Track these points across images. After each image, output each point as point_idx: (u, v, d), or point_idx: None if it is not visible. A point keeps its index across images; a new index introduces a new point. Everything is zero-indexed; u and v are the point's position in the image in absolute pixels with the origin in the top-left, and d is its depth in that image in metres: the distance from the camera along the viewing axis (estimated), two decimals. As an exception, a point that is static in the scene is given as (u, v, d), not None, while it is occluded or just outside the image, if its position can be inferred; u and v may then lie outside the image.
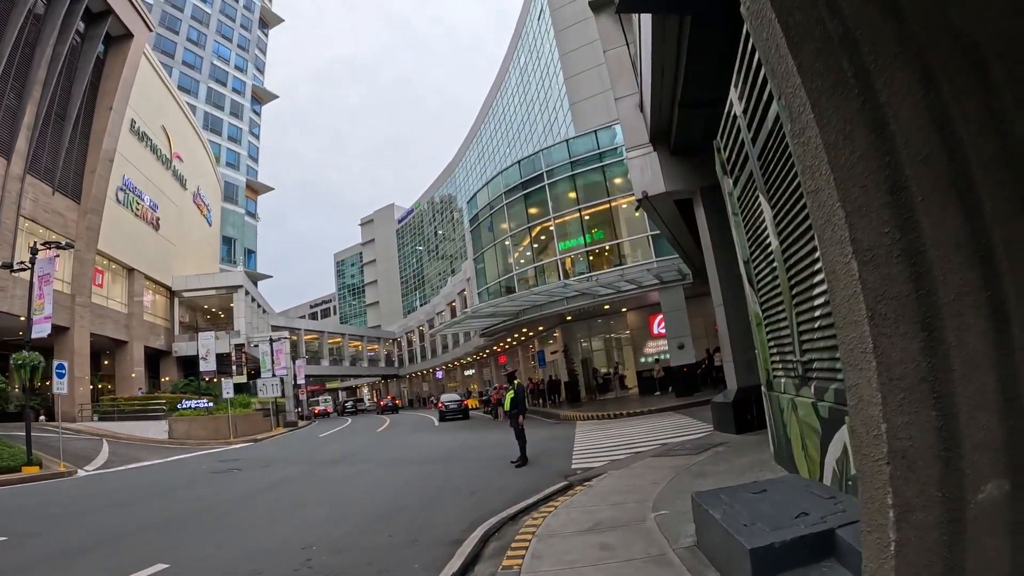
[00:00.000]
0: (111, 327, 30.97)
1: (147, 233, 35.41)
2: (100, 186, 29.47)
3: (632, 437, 13.37)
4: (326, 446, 20.99)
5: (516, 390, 11.36)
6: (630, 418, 18.25)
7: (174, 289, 39.36)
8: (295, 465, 15.30)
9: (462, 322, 29.75)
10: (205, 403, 28.07)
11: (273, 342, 37.74)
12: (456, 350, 55.85)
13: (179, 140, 40.99)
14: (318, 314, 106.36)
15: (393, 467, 13.03)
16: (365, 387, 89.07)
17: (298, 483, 11.91)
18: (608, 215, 26.95)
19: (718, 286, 11.37)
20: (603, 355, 31.56)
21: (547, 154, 29.03)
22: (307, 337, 59.54)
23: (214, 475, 13.96)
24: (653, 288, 23.49)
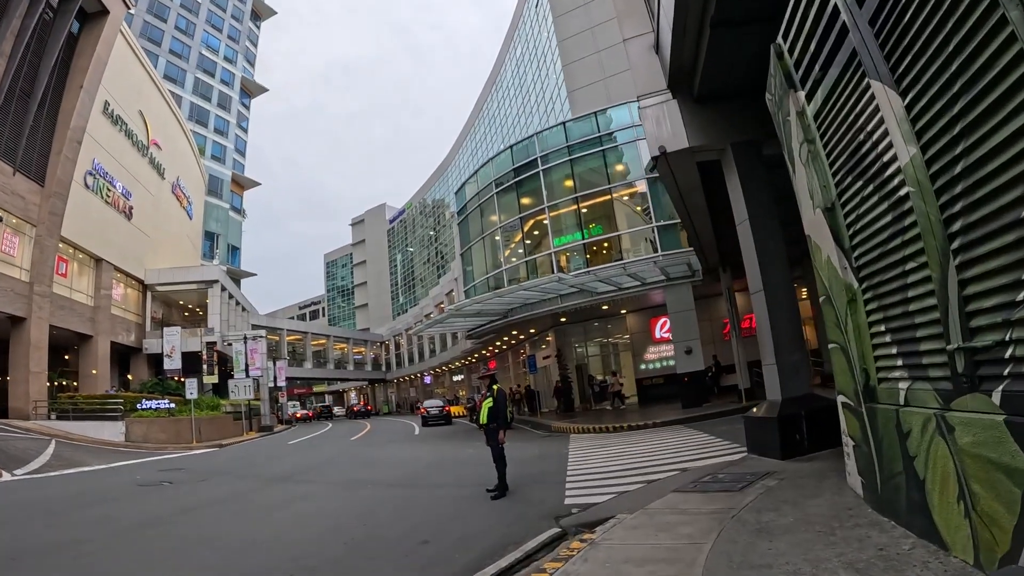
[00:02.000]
0: (75, 320, 28.89)
1: (118, 222, 33.31)
2: (66, 169, 27.42)
3: (639, 456, 11.20)
4: (286, 457, 18.86)
5: (496, 398, 9.08)
6: (632, 432, 16.16)
7: (147, 283, 37.00)
8: (237, 480, 13.09)
9: (445, 321, 26.84)
10: (166, 404, 25.96)
11: (248, 341, 35.72)
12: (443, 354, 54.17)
13: (158, 127, 38.94)
14: (307, 316, 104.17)
15: (344, 490, 10.74)
16: (352, 391, 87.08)
17: (220, 507, 9.55)
18: (608, 208, 24.77)
19: (756, 267, 9.21)
20: (599, 361, 29.44)
21: (542, 139, 26.67)
22: (290, 338, 57.56)
23: (139, 489, 11.90)
24: (658, 285, 21.39)
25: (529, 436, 19.41)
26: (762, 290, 9.05)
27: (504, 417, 9.03)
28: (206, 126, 56.70)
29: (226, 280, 42.02)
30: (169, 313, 41.56)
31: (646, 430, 16.14)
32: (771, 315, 8.98)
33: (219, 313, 38.66)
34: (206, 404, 29.49)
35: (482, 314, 25.77)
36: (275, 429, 37.23)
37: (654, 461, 10.30)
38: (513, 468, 10.11)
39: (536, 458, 12.96)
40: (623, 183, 24.57)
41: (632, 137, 24.08)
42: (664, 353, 25.67)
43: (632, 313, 26.80)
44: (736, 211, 9.44)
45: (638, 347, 26.92)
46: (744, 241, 9.34)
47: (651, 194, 23.37)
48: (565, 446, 14.56)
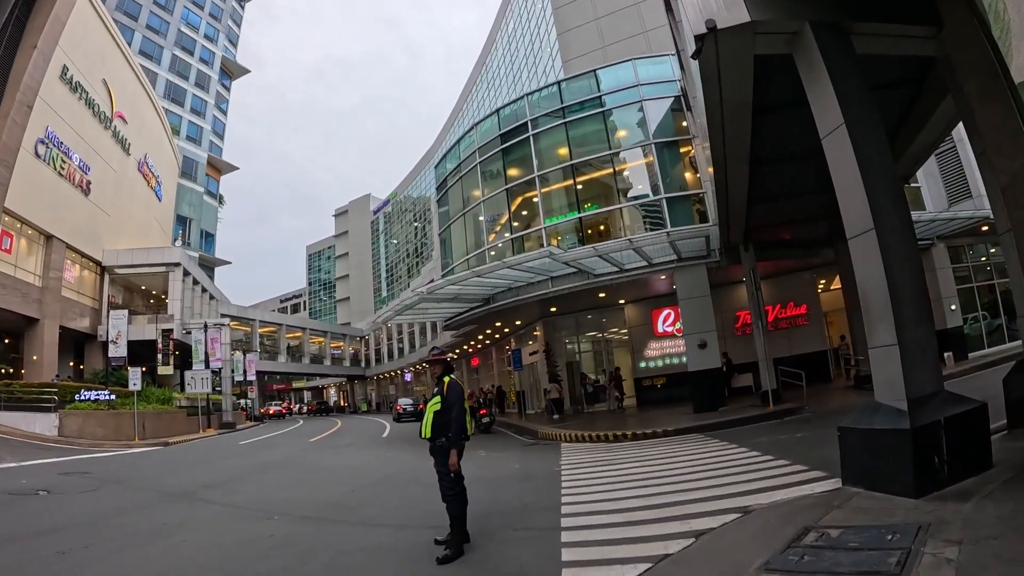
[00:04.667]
0: (17, 301, 26.24)
1: (73, 197, 30.57)
2: (14, 134, 24.81)
3: (664, 480, 8.20)
4: (219, 461, 16.24)
5: (447, 397, 5.81)
6: (640, 442, 13.31)
7: (104, 264, 34.21)
8: (127, 493, 10.48)
9: (416, 307, 22.88)
10: (106, 395, 23.27)
11: (208, 329, 33.11)
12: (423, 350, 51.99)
13: (124, 99, 36.22)
14: (288, 309, 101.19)
15: (238, 521, 7.81)
16: (332, 388, 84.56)
17: (52, 539, 6.78)
18: (608, 181, 22.03)
19: (860, 195, 6.25)
20: (592, 358, 26.56)
21: (533, 101, 23.56)
22: (263, 330, 54.84)
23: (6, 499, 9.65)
24: (667, 267, 18.46)
25: (509, 443, 16.92)
26: (871, 229, 6.12)
27: (460, 427, 5.72)
28: (182, 105, 54.30)
29: (190, 264, 39.40)
30: (131, 299, 38.85)
31: (656, 440, 13.34)
32: (887, 266, 6.01)
33: (180, 299, 35.96)
34: (156, 397, 27.04)
35: (460, 299, 22.62)
36: (239, 426, 34.70)
37: (690, 490, 7.33)
38: (483, 493, 7.87)
39: (517, 478, 10.01)
40: (627, 148, 21.75)
41: (637, 97, 21.40)
42: (668, 349, 23.09)
43: (632, 304, 23.94)
44: (823, 120, 6.77)
45: (637, 343, 24.07)
46: (837, 161, 6.49)
47: (659, 161, 20.76)
48: (556, 460, 11.68)
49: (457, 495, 5.68)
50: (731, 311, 22.28)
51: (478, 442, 17.32)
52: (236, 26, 65.86)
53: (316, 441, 22.60)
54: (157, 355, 31.63)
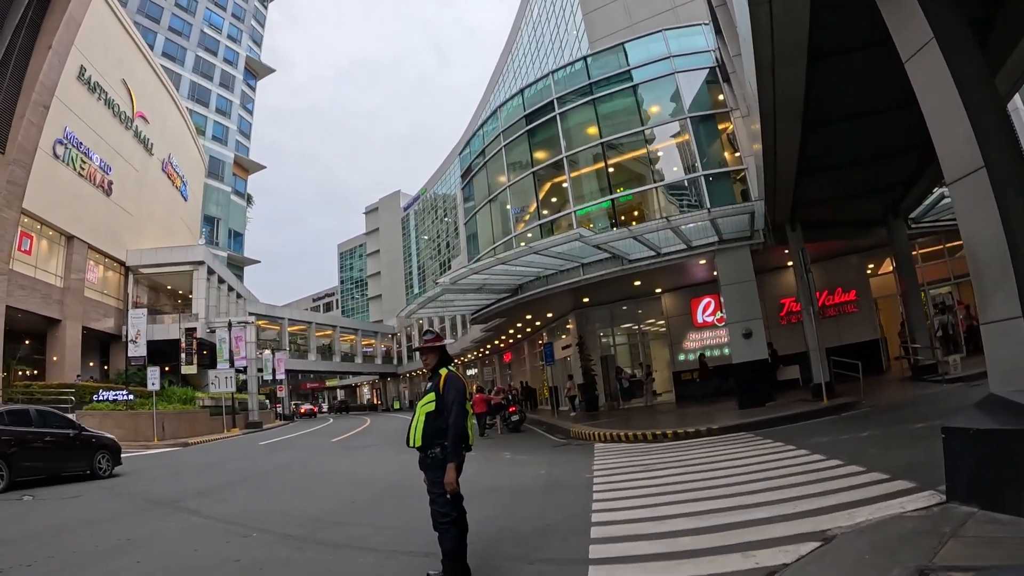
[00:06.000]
0: (38, 302, 26.00)
1: (94, 197, 30.31)
2: (30, 135, 24.43)
3: (713, 492, 6.91)
4: (230, 463, 15.52)
5: (443, 394, 4.47)
6: (681, 442, 12.05)
7: (128, 264, 34.02)
8: (111, 501, 9.68)
9: (438, 299, 21.55)
10: (124, 395, 22.95)
11: (233, 328, 32.53)
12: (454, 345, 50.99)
13: (145, 99, 35.89)
14: (320, 308, 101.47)
15: (207, 542, 6.59)
16: (365, 386, 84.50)
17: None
18: (642, 161, 20.56)
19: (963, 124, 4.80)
20: (627, 351, 25.21)
21: (559, 79, 22.24)
22: (293, 328, 54.52)
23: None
24: (707, 249, 17.05)
25: (538, 443, 15.69)
26: (981, 167, 4.71)
27: (459, 434, 4.40)
28: (207, 105, 54.53)
29: (215, 263, 39.02)
30: (157, 299, 38.75)
31: (700, 440, 11.99)
32: (1005, 214, 4.62)
33: (204, 297, 35.64)
34: (178, 397, 26.64)
35: (487, 289, 21.28)
36: (265, 426, 34.14)
37: (747, 507, 6.01)
38: (498, 509, 7.02)
39: (541, 488, 8.71)
40: (660, 123, 20.31)
41: (669, 70, 19.93)
42: (708, 340, 21.75)
43: (669, 293, 22.54)
44: (904, 38, 5.20)
45: (676, 334, 22.70)
46: (927, 86, 4.98)
47: (695, 138, 19.34)
48: (587, 465, 10.35)
49: (452, 523, 4.34)
50: (774, 299, 20.84)
51: (505, 442, 16.42)
52: (259, 26, 65.93)
53: (338, 441, 21.84)
54: (181, 354, 31.12)
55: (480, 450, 14.30)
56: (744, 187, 18.43)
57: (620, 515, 6.31)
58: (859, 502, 5.45)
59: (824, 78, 8.72)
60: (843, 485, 6.22)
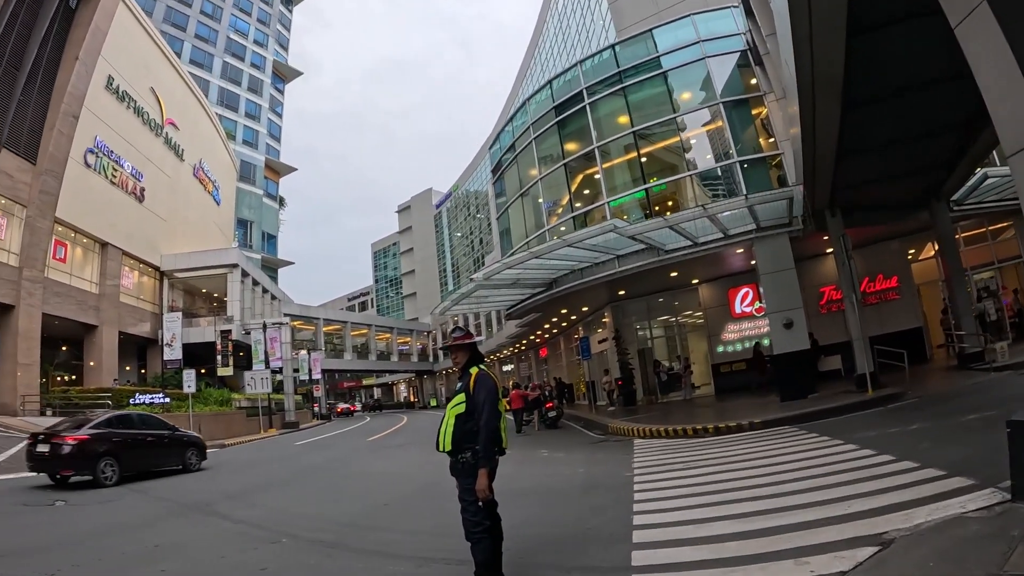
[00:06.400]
0: (74, 308, 26.44)
1: (127, 204, 30.71)
2: (61, 145, 24.88)
3: (758, 490, 6.57)
4: (264, 465, 15.52)
5: (473, 394, 4.20)
6: (722, 437, 11.73)
7: (163, 269, 34.53)
8: (143, 505, 9.64)
9: (472, 295, 21.29)
10: (160, 398, 23.21)
11: (268, 329, 32.59)
12: (489, 342, 50.62)
13: (174, 106, 36.21)
14: (356, 307, 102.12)
15: (234, 549, 6.33)
16: (402, 383, 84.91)
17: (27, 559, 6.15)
18: (675, 151, 20.21)
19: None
20: (665, 344, 24.88)
21: (587, 69, 21.95)
22: (328, 328, 54.79)
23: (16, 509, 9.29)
24: (745, 237, 16.61)
25: (576, 440, 15.47)
26: None
27: (491, 437, 4.11)
28: (236, 110, 55.20)
29: (248, 265, 39.32)
30: (192, 302, 39.29)
31: (742, 435, 11.62)
32: None
33: (239, 300, 35.90)
34: (214, 398, 26.78)
35: (521, 284, 21.01)
36: (302, 425, 34.21)
37: (796, 507, 5.65)
38: (534, 513, 6.79)
39: (579, 489, 8.39)
40: (693, 109, 19.88)
41: (699, 55, 19.59)
42: (747, 332, 21.21)
43: (706, 284, 22.09)
44: (951, 1, 4.72)
45: (714, 326, 22.22)
46: (980, 54, 4.42)
47: (729, 124, 18.95)
48: (627, 462, 10.02)
49: (486, 532, 4.12)
50: (814, 287, 20.24)
51: (542, 439, 16.19)
52: (285, 30, 66.46)
53: (373, 441, 21.71)
54: (216, 356, 31.30)
55: (517, 448, 14.21)
56: (781, 173, 18.05)
57: (663, 517, 6.00)
58: (915, 501, 5.11)
59: (864, 52, 8.30)
60: (897, 483, 5.86)
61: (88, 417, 13.04)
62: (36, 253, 24.01)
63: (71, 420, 13.39)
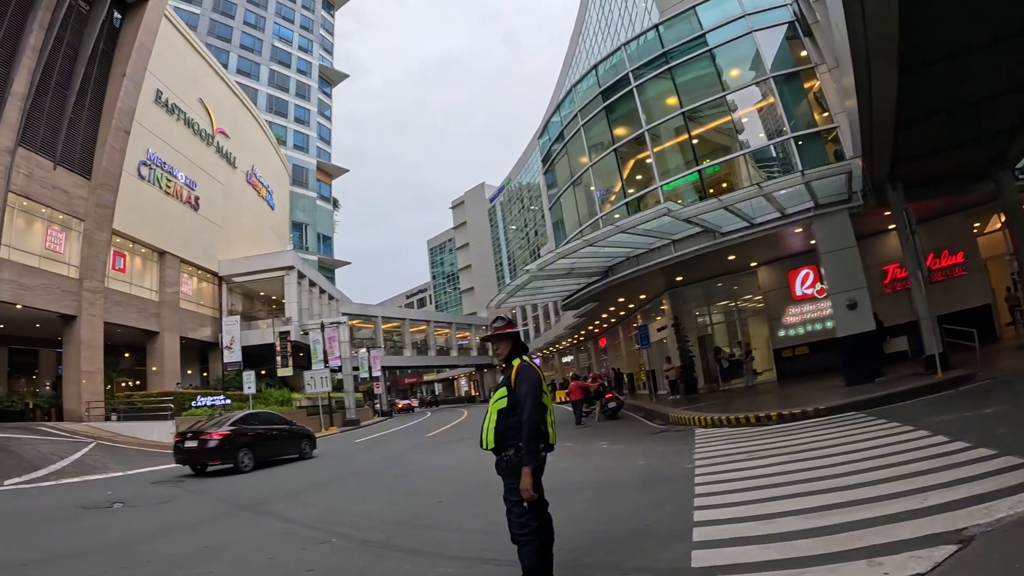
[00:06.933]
0: (135, 316, 27.25)
1: (183, 213, 31.46)
2: (114, 159, 25.54)
3: (820, 483, 6.17)
4: (312, 465, 15.44)
5: (515, 387, 3.91)
6: (785, 424, 11.32)
7: (221, 274, 35.33)
8: (199, 507, 9.86)
9: (527, 286, 21.04)
10: (221, 400, 23.63)
11: (326, 329, 32.78)
12: (548, 333, 49.91)
13: (223, 115, 36.84)
14: (414, 304, 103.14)
15: (284, 549, 6.33)
16: (463, 378, 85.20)
17: (84, 560, 6.32)
18: (727, 130, 19.58)
19: None
20: (725, 329, 24.27)
21: (631, 52, 21.53)
22: (387, 326, 55.18)
23: (75, 512, 9.43)
24: (803, 216, 15.97)
25: (636, 431, 15.14)
26: None
27: (534, 433, 3.83)
28: (286, 116, 56.27)
29: (304, 267, 39.77)
30: (251, 306, 40.10)
31: (807, 422, 11.16)
32: None
33: (297, 301, 36.32)
34: (274, 399, 27.10)
35: (576, 274, 20.73)
36: (363, 423, 34.38)
37: (865, 501, 5.21)
38: (589, 509, 6.61)
39: (638, 483, 8.05)
40: (743, 86, 19.27)
41: (745, 29, 18.91)
42: (808, 315, 20.64)
43: (765, 266, 21.48)
44: None
45: (774, 309, 21.58)
46: None
47: (781, 99, 18.27)
48: (688, 454, 9.69)
49: (533, 534, 3.90)
50: (876, 266, 19.40)
51: (602, 431, 16.01)
52: (328, 34, 67.36)
53: (432, 436, 21.62)
54: (276, 357, 31.67)
55: (576, 440, 14.33)
56: (837, 147, 17.44)
57: (725, 512, 5.69)
58: (995, 493, 4.73)
59: (920, 9, 7.84)
60: (974, 472, 5.46)
61: (226, 416, 15.55)
62: (95, 264, 24.72)
63: (210, 420, 15.94)
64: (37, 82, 22.01)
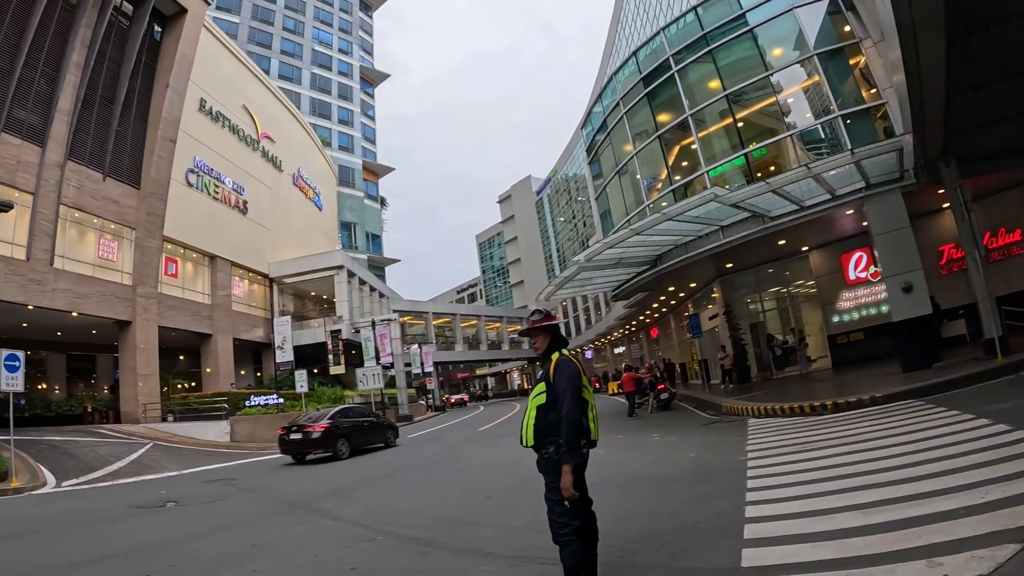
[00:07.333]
0: (188, 319, 27.95)
1: (231, 217, 32.06)
2: (161, 168, 26.20)
3: (877, 476, 5.97)
4: (362, 461, 15.42)
5: (554, 383, 3.77)
6: (840, 414, 10.96)
7: (271, 276, 35.96)
8: (248, 504, 10.00)
9: (575, 277, 21.00)
10: (274, 399, 23.93)
11: (376, 326, 32.97)
12: (599, 325, 49.11)
13: (267, 120, 37.32)
14: (465, 299, 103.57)
15: (328, 548, 6.33)
16: (515, 371, 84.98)
17: (133, 559, 6.46)
18: (772, 112, 19.05)
19: None
20: (777, 316, 23.71)
21: (671, 36, 21.18)
22: (438, 321, 55.38)
23: (128, 512, 9.67)
24: (854, 197, 15.47)
25: (688, 422, 15.01)
26: None
27: (573, 429, 3.68)
28: (329, 118, 57.15)
29: (354, 266, 40.19)
30: (303, 306, 40.74)
31: (863, 410, 10.87)
32: None
33: (347, 300, 36.71)
34: (327, 396, 27.30)
35: (624, 263, 20.54)
36: (416, 418, 34.53)
37: (924, 496, 5.01)
38: (638, 504, 6.55)
39: (688, 476, 7.86)
40: (786, 64, 18.84)
41: (786, 6, 18.51)
42: (862, 299, 20.06)
43: (817, 250, 20.96)
44: None
45: (827, 295, 21.01)
46: None
47: (826, 77, 17.85)
48: (740, 445, 9.50)
49: (574, 535, 3.74)
50: (931, 247, 18.62)
51: (655, 422, 15.91)
52: (368, 35, 68.02)
53: (483, 431, 21.64)
54: (328, 356, 32.04)
55: (628, 432, 14.40)
56: (887, 124, 16.95)
57: (777, 508, 5.50)
58: None
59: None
60: None
61: (323, 411, 17.15)
62: (148, 271, 25.42)
63: (310, 415, 17.55)
64: (82, 97, 22.72)
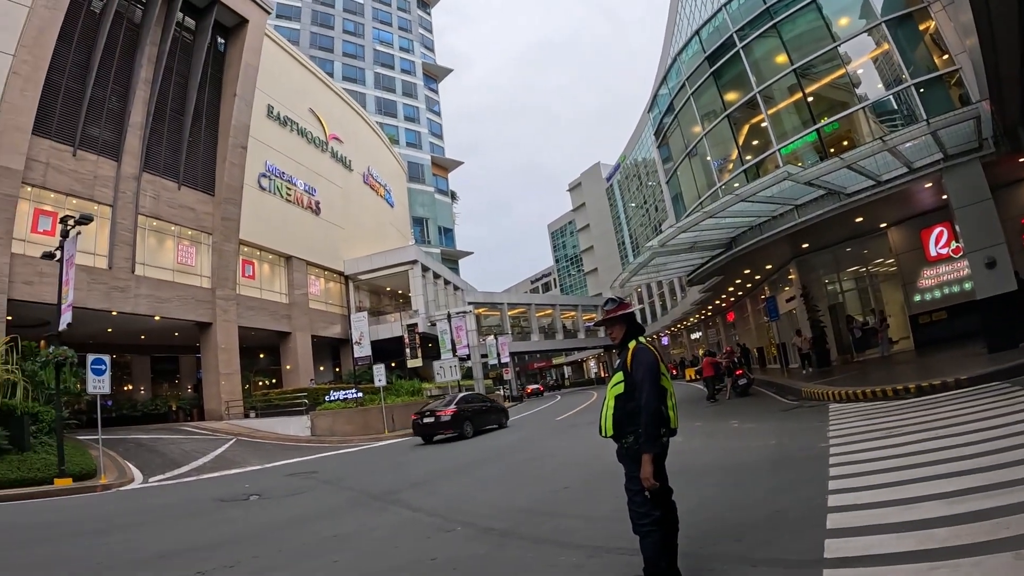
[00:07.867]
0: (267, 319, 29.11)
1: (304, 218, 33.10)
2: (234, 175, 27.35)
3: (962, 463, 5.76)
4: (442, 452, 15.44)
5: (631, 372, 3.74)
6: (924, 398, 10.59)
7: (347, 274, 36.99)
8: (330, 496, 10.09)
9: (649, 264, 20.71)
10: (354, 394, 24.46)
11: (452, 319, 33.36)
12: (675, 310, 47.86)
13: (334, 122, 38.29)
14: (539, 289, 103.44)
15: (408, 538, 6.47)
16: (592, 359, 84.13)
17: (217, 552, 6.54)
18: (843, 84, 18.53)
19: None
20: (857, 297, 23.08)
21: (733, 12, 20.70)
22: (512, 312, 55.46)
23: (212, 506, 9.93)
24: (932, 170, 14.86)
25: (768, 407, 14.67)
26: None
27: (653, 419, 3.64)
28: (395, 116, 58.17)
29: (427, 260, 40.83)
30: (378, 301, 41.76)
31: (947, 393, 10.50)
32: None
33: (422, 294, 37.38)
34: (405, 390, 27.81)
35: (698, 247, 20.15)
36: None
37: (1012, 483, 4.80)
38: (717, 493, 6.50)
39: (769, 464, 7.69)
40: (854, 34, 18.16)
41: None
42: (944, 276, 19.21)
43: (896, 227, 20.11)
44: None
45: (908, 273, 20.19)
46: None
47: (896, 45, 17.17)
48: (821, 431, 9.30)
49: (654, 525, 3.69)
50: (1014, 219, 17.42)
51: (733, 408, 15.75)
52: (428, 32, 68.67)
53: (561, 420, 21.49)
54: (405, 349, 32.69)
55: (707, 419, 14.38)
56: (962, 91, 16.24)
57: (861, 497, 5.34)
58: None
59: None
60: None
61: (449, 397, 19.91)
62: (226, 274, 26.60)
63: (438, 401, 20.29)
64: (153, 111, 23.92)
